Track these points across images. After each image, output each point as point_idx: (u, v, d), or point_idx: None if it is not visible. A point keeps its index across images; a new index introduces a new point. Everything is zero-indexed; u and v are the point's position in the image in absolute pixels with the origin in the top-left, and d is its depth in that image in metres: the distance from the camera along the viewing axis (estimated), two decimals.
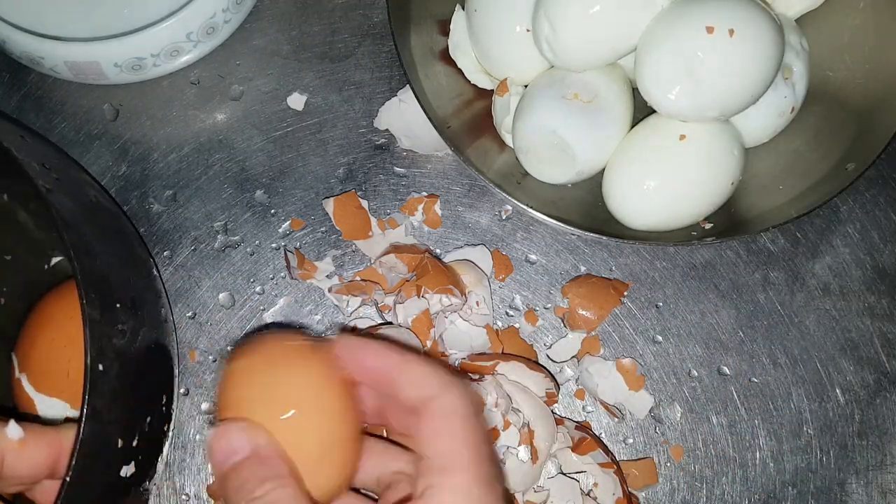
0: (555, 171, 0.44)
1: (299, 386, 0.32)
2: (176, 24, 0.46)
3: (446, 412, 0.30)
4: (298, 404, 0.32)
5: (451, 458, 0.29)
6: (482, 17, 0.45)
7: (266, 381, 0.32)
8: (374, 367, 0.32)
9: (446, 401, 0.31)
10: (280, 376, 0.32)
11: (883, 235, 0.49)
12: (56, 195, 0.36)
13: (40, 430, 0.36)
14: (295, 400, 0.32)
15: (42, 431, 0.36)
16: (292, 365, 0.32)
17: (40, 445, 0.35)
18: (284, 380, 0.32)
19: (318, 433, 0.32)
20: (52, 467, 0.35)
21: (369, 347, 0.33)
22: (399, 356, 0.32)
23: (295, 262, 0.47)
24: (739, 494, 0.46)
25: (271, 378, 0.32)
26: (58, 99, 0.50)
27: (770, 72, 0.40)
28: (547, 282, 0.48)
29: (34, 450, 0.35)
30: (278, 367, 0.32)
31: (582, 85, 0.43)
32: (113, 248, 0.39)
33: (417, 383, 0.31)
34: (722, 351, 0.48)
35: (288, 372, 0.32)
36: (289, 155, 0.50)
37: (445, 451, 0.30)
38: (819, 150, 0.45)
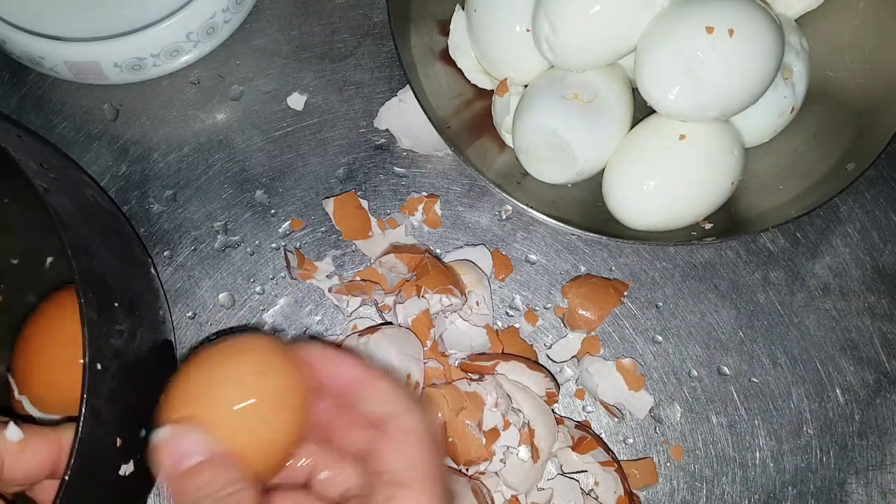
0: (555, 171, 0.44)
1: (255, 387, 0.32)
2: (176, 24, 0.46)
3: (408, 430, 0.32)
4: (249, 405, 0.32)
5: (411, 474, 0.31)
6: (482, 17, 0.45)
7: (212, 376, 0.32)
8: (343, 377, 0.34)
9: (409, 420, 0.32)
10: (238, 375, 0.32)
11: (883, 235, 0.49)
12: (54, 195, 0.36)
13: (39, 430, 0.36)
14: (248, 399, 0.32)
15: (41, 432, 0.36)
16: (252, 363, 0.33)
17: (40, 446, 0.35)
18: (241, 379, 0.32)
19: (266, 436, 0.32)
20: (52, 467, 0.36)
21: (342, 357, 0.34)
22: (368, 370, 0.34)
23: (295, 262, 0.47)
24: (739, 494, 0.46)
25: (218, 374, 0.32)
26: (58, 99, 0.50)
27: (770, 72, 0.40)
28: (547, 282, 0.48)
29: (34, 451, 0.35)
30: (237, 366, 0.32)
31: (582, 85, 0.43)
32: (111, 248, 0.39)
33: (384, 398, 0.33)
34: (722, 351, 0.48)
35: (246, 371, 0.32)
36: (289, 155, 0.50)
37: (405, 468, 0.31)
38: (819, 150, 0.45)
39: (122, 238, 0.43)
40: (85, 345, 0.32)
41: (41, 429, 0.36)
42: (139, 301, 0.39)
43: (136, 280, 0.41)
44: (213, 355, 0.33)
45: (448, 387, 0.42)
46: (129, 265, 0.41)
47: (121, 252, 0.41)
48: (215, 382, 0.32)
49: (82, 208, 0.39)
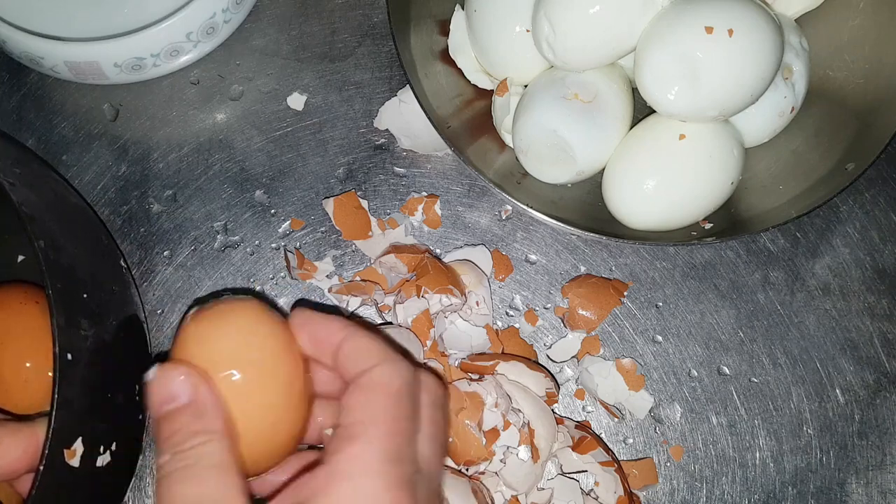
0: (555, 171, 0.44)
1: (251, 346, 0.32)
2: (176, 24, 0.46)
3: (372, 384, 0.30)
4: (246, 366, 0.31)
5: (361, 427, 0.29)
6: (482, 17, 0.45)
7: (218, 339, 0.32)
8: (321, 340, 0.33)
9: (376, 373, 0.30)
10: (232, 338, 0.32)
11: (883, 235, 0.49)
12: (19, 189, 0.36)
13: (15, 426, 0.36)
14: (244, 361, 0.31)
15: (17, 428, 0.36)
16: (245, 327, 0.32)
17: (16, 442, 0.35)
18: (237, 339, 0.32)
19: (264, 396, 0.32)
20: (30, 462, 0.35)
21: (319, 318, 0.33)
22: (344, 327, 0.33)
23: (295, 262, 0.47)
24: (739, 494, 0.46)
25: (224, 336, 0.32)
26: (58, 99, 0.50)
27: (769, 72, 0.40)
28: (547, 282, 0.48)
29: (10, 446, 0.35)
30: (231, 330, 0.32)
31: (582, 85, 0.43)
32: (79, 241, 0.39)
33: (357, 356, 0.31)
34: (722, 351, 0.48)
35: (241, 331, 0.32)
36: (289, 155, 0.50)
37: (357, 421, 0.29)
38: (819, 150, 0.45)
39: (91, 231, 0.43)
40: (54, 336, 0.33)
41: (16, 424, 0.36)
42: (109, 293, 0.39)
43: (106, 271, 0.41)
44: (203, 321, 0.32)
45: (448, 387, 0.42)
46: (97, 257, 0.41)
47: (89, 245, 0.41)
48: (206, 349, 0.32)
49: (48, 202, 0.39)
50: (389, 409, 0.30)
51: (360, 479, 0.28)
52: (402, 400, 0.30)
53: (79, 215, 0.43)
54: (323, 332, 0.33)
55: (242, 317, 0.33)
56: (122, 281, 0.42)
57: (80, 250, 0.38)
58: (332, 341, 0.33)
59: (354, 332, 0.33)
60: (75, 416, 0.33)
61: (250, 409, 0.31)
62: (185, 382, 0.30)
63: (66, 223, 0.39)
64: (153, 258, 0.48)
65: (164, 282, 0.48)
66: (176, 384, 0.30)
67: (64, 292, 0.34)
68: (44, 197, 0.39)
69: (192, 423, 0.29)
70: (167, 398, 0.30)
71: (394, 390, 0.30)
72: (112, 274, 0.41)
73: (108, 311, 0.38)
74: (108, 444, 0.36)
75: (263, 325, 0.33)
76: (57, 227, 0.37)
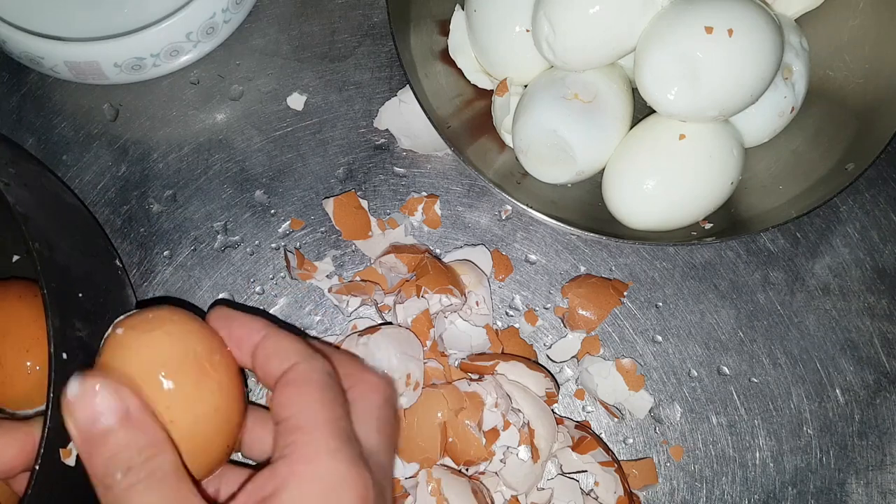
0: (555, 171, 0.44)
1: (178, 356, 0.31)
2: (176, 24, 0.46)
3: (301, 379, 0.31)
4: (176, 373, 0.30)
5: (306, 416, 0.30)
6: (482, 18, 0.45)
7: (144, 347, 0.31)
8: (239, 339, 0.33)
9: (301, 369, 0.31)
10: (160, 345, 0.31)
11: (883, 235, 0.49)
12: (14, 189, 0.36)
13: (11, 425, 0.36)
14: (174, 368, 0.31)
15: (14, 427, 0.36)
16: (173, 334, 0.32)
17: (12, 441, 0.35)
18: (164, 349, 0.31)
19: (197, 404, 0.31)
20: (26, 461, 0.35)
21: (238, 318, 0.33)
22: (264, 327, 0.33)
23: (295, 262, 0.47)
24: (739, 494, 0.46)
25: (151, 347, 0.31)
26: (58, 99, 0.50)
27: (769, 72, 0.40)
28: (547, 282, 0.48)
29: (7, 446, 0.35)
30: (159, 337, 0.31)
31: (582, 85, 0.43)
32: (74, 240, 0.39)
33: (279, 354, 0.32)
34: (722, 351, 0.48)
35: (168, 341, 0.31)
36: (289, 155, 0.50)
37: (300, 412, 0.30)
38: (819, 150, 0.45)
39: (86, 230, 0.43)
40: (49, 335, 0.32)
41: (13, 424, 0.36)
42: (105, 292, 0.39)
43: (102, 271, 0.41)
44: (129, 329, 0.31)
45: (448, 387, 0.42)
46: (93, 257, 0.41)
47: (84, 244, 0.41)
48: (133, 359, 0.30)
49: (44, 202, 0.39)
50: (324, 397, 0.30)
51: (320, 460, 0.29)
52: (331, 389, 0.31)
53: (74, 215, 0.43)
54: (241, 330, 0.33)
55: (169, 322, 0.32)
56: (118, 280, 0.42)
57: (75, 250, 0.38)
58: (250, 340, 0.33)
59: (274, 331, 0.33)
60: None
61: (184, 417, 0.30)
62: (113, 395, 0.28)
63: (61, 223, 0.39)
64: (153, 258, 0.48)
65: (164, 282, 0.48)
66: (103, 398, 0.28)
67: (59, 291, 0.34)
68: (39, 197, 0.39)
69: (134, 438, 0.28)
70: (95, 415, 0.28)
71: (322, 382, 0.31)
72: (108, 273, 0.41)
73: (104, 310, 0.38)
74: None
75: (191, 331, 0.32)
76: (52, 227, 0.37)
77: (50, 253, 0.35)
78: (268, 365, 0.32)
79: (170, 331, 0.32)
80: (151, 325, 0.32)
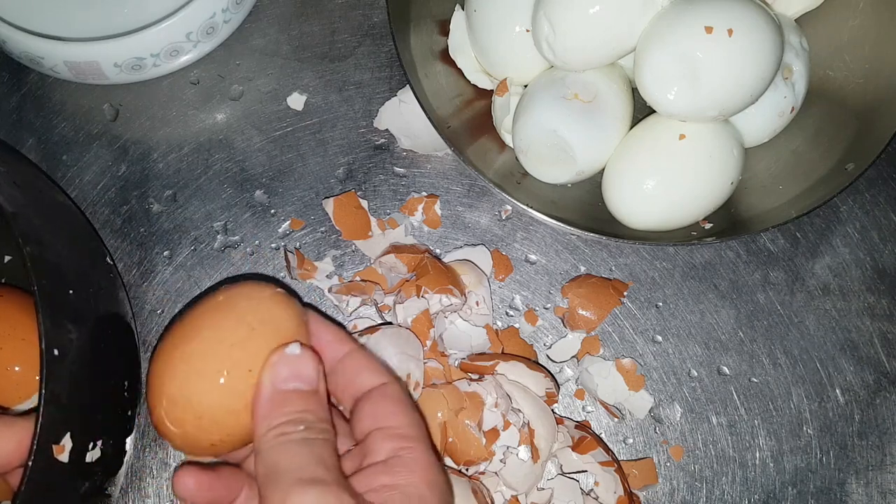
0: (555, 171, 0.44)
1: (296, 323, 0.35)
2: (176, 24, 0.46)
3: (399, 396, 0.35)
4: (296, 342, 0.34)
5: (412, 429, 0.34)
6: (482, 18, 0.45)
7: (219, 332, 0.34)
8: (328, 344, 0.36)
9: (397, 388, 0.35)
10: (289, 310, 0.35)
11: (883, 235, 0.49)
12: (3, 187, 0.36)
13: (9, 420, 0.36)
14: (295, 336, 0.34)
15: (10, 422, 0.36)
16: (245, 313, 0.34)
17: (9, 436, 0.35)
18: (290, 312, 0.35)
19: None
20: (23, 456, 0.35)
21: (335, 330, 0.37)
22: (350, 340, 0.37)
23: (295, 262, 0.47)
24: (739, 494, 0.46)
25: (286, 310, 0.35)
26: (58, 99, 0.50)
27: (769, 71, 0.40)
28: (547, 282, 0.48)
29: (4, 440, 0.35)
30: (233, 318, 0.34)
31: (582, 85, 0.43)
32: (64, 239, 0.39)
33: (372, 370, 0.36)
34: (722, 351, 0.48)
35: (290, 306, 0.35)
36: (288, 155, 0.50)
37: (407, 424, 0.34)
38: (819, 150, 0.45)
39: (77, 229, 0.43)
40: (40, 332, 0.33)
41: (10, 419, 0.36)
42: (96, 289, 0.39)
43: (93, 269, 0.41)
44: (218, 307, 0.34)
45: (448, 387, 0.42)
46: (84, 255, 0.41)
47: (75, 242, 0.41)
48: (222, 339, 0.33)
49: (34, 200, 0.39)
50: (418, 418, 0.35)
51: (432, 469, 0.33)
52: (417, 410, 0.36)
53: (65, 213, 0.43)
54: (330, 337, 0.37)
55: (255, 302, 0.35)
56: (109, 278, 0.42)
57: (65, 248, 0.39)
58: (339, 349, 0.36)
59: (359, 347, 0.37)
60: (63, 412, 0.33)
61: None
62: (315, 369, 0.33)
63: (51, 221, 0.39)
64: (153, 258, 0.48)
65: (164, 282, 0.48)
66: (307, 367, 0.33)
67: (50, 289, 0.34)
68: (29, 195, 0.39)
69: (320, 412, 0.33)
70: (294, 376, 0.33)
71: (412, 403, 0.36)
72: (99, 271, 0.41)
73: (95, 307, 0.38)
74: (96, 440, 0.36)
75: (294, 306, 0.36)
76: (42, 225, 0.38)
77: (40, 251, 0.35)
78: (357, 376, 0.35)
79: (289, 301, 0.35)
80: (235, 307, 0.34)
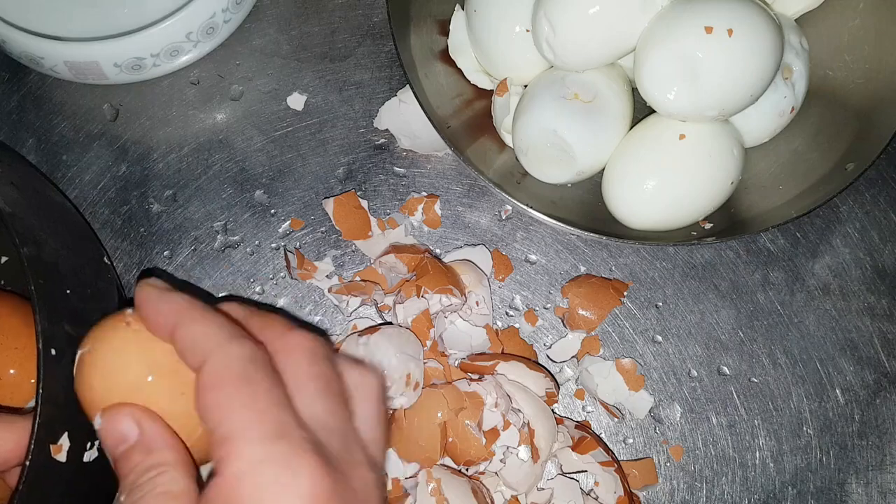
0: (555, 171, 0.44)
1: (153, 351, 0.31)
2: (176, 24, 0.46)
3: (216, 380, 0.28)
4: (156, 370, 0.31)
5: (229, 424, 0.28)
6: (482, 18, 0.45)
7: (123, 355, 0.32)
8: (162, 324, 0.31)
9: (215, 365, 0.29)
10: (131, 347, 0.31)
11: (883, 235, 0.49)
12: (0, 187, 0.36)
13: (9, 418, 0.36)
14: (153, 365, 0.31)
15: (10, 420, 0.36)
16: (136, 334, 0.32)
17: (7, 435, 0.35)
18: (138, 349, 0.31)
19: (181, 398, 0.31)
20: (21, 455, 0.35)
21: (157, 298, 0.31)
22: (177, 312, 0.30)
23: (295, 262, 0.47)
24: (739, 494, 0.46)
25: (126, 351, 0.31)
26: (58, 99, 0.50)
27: (769, 71, 0.40)
28: (547, 282, 0.48)
29: (3, 438, 0.35)
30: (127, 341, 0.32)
31: (582, 85, 0.43)
32: (62, 238, 0.39)
33: (193, 348, 0.30)
34: (722, 351, 0.48)
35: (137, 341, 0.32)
36: (289, 155, 0.50)
37: (222, 419, 0.28)
38: (819, 150, 0.45)
39: (74, 228, 0.43)
40: (37, 332, 0.33)
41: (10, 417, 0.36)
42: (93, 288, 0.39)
43: (89, 268, 0.41)
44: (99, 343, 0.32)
45: (448, 387, 0.42)
46: (81, 254, 0.41)
47: (72, 241, 0.41)
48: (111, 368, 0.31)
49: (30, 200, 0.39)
50: (242, 393, 0.28)
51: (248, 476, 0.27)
52: (250, 379, 0.29)
53: (62, 213, 0.43)
54: (157, 314, 0.31)
55: (127, 330, 0.32)
56: (107, 278, 0.42)
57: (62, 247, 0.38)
58: (167, 329, 0.31)
59: (186, 319, 0.30)
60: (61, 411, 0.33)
61: (171, 410, 0.31)
62: (129, 421, 0.31)
63: (48, 221, 0.39)
64: (153, 258, 0.48)
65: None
66: (123, 425, 0.31)
67: (46, 288, 0.34)
68: (26, 195, 0.39)
69: (144, 458, 0.30)
70: (118, 440, 0.31)
71: (239, 374, 0.28)
72: (96, 270, 0.41)
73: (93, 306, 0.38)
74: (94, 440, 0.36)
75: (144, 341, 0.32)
76: (39, 225, 0.38)
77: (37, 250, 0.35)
78: (186, 361, 0.30)
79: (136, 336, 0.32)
80: (115, 336, 0.32)
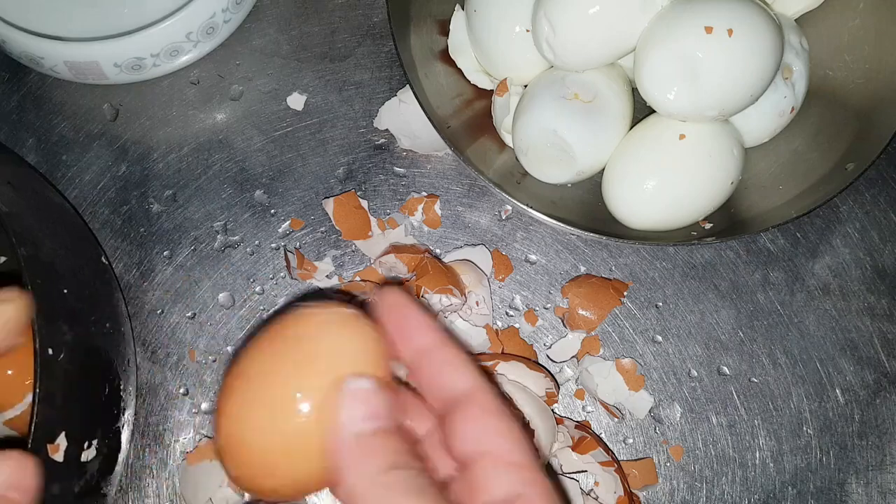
0: (555, 171, 0.44)
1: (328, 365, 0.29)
2: (176, 24, 0.46)
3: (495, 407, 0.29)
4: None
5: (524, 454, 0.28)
6: (482, 18, 0.45)
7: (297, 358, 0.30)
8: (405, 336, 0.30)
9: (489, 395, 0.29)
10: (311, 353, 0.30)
11: (883, 235, 0.49)
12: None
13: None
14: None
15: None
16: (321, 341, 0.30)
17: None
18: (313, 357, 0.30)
19: None
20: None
21: (409, 311, 0.31)
22: (433, 331, 0.30)
23: (295, 262, 0.47)
24: (739, 494, 0.46)
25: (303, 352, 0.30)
26: (58, 99, 0.50)
27: (769, 71, 0.40)
28: (547, 282, 0.48)
29: None
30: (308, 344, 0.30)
31: (582, 85, 0.43)
32: (59, 239, 0.40)
33: (457, 368, 0.29)
34: (722, 351, 0.48)
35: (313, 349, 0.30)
36: (289, 155, 0.50)
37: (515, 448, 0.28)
38: (819, 150, 0.45)
39: (72, 229, 0.43)
40: (34, 331, 0.33)
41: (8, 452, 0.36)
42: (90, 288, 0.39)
43: (87, 268, 0.41)
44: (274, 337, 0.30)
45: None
46: (79, 255, 0.41)
47: (70, 242, 0.41)
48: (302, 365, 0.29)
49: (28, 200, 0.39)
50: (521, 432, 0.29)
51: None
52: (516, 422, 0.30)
53: (59, 213, 0.43)
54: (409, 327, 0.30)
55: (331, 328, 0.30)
56: (104, 278, 0.42)
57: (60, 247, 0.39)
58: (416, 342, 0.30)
59: (443, 340, 0.30)
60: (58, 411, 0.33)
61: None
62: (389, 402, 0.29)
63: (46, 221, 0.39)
64: (153, 258, 0.48)
65: (163, 282, 0.48)
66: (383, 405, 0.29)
67: (44, 288, 0.34)
68: (23, 194, 0.39)
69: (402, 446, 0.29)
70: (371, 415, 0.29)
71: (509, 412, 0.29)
72: (93, 270, 0.41)
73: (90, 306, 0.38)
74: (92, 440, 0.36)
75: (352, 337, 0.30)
76: (37, 224, 0.38)
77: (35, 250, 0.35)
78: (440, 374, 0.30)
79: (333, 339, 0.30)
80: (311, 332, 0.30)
